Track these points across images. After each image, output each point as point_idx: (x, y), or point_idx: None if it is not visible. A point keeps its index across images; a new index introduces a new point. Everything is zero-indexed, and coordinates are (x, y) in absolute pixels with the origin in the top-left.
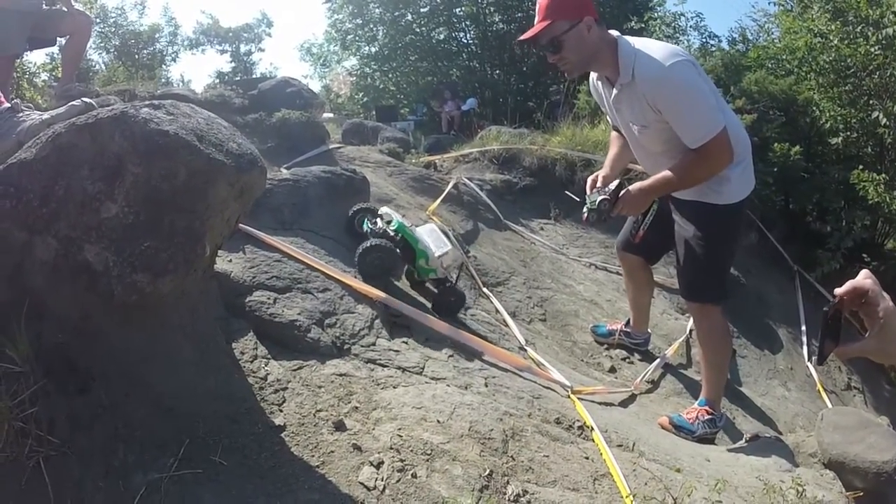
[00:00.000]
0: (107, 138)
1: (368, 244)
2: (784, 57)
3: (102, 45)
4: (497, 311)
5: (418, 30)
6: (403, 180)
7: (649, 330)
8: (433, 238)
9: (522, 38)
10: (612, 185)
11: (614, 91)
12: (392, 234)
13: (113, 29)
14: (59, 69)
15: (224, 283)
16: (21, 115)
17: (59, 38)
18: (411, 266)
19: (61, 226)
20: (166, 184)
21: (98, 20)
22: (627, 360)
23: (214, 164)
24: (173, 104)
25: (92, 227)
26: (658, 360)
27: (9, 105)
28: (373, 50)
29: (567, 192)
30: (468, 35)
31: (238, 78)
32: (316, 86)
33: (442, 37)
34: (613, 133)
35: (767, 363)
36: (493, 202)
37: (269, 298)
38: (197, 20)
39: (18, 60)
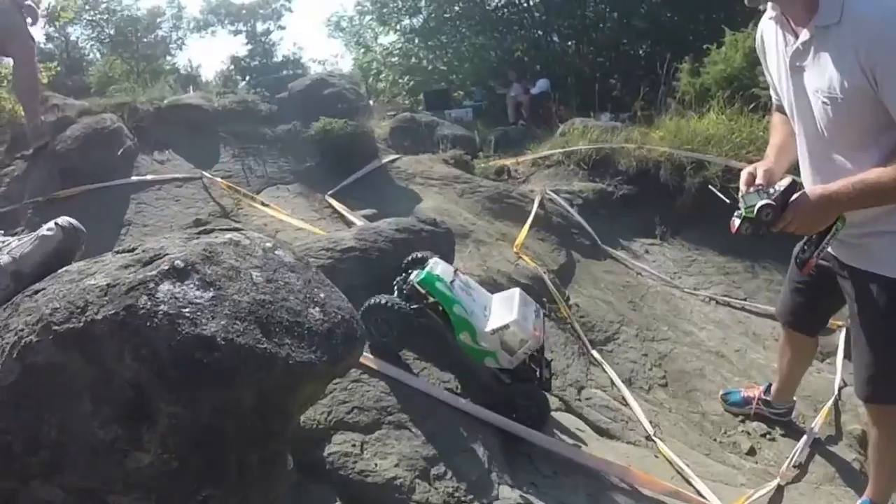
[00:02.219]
0: (111, 360)
1: (371, 302)
2: None
3: (95, 36)
4: (612, 382)
5: None
6: (477, 200)
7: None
8: (502, 306)
9: None
10: (781, 185)
11: (799, 40)
12: (421, 291)
13: (106, 16)
14: (42, 74)
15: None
16: None
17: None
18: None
19: (67, 477)
20: (227, 419)
21: (87, 7)
22: (768, 436)
23: (296, 369)
24: (208, 257)
25: (117, 479)
26: (805, 437)
27: None
28: (416, 23)
29: (711, 188)
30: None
31: (256, 62)
32: (347, 64)
33: (501, 1)
34: (777, 115)
35: None
36: (585, 219)
37: (354, 445)
38: None
39: None
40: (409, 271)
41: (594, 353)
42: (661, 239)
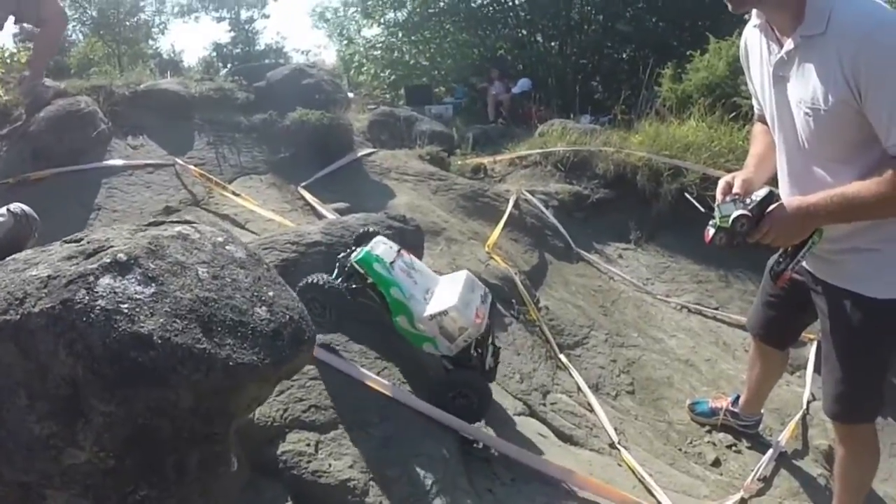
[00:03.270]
0: (46, 354)
1: (306, 281)
2: None
3: (77, 16)
4: (579, 388)
5: None
6: (452, 198)
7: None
8: (445, 291)
9: None
10: (757, 196)
11: (784, 49)
12: (360, 271)
13: None
14: (21, 54)
15: (245, 426)
16: None
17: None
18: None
19: (4, 471)
20: (163, 419)
21: None
22: (734, 447)
23: (236, 371)
24: (153, 251)
25: (54, 474)
26: (771, 450)
27: None
28: (400, 17)
29: (687, 195)
30: None
31: (239, 50)
32: (331, 56)
33: (487, 0)
34: (758, 125)
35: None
36: (560, 222)
37: (308, 444)
38: None
39: None
40: (354, 249)
41: (562, 356)
42: (635, 244)
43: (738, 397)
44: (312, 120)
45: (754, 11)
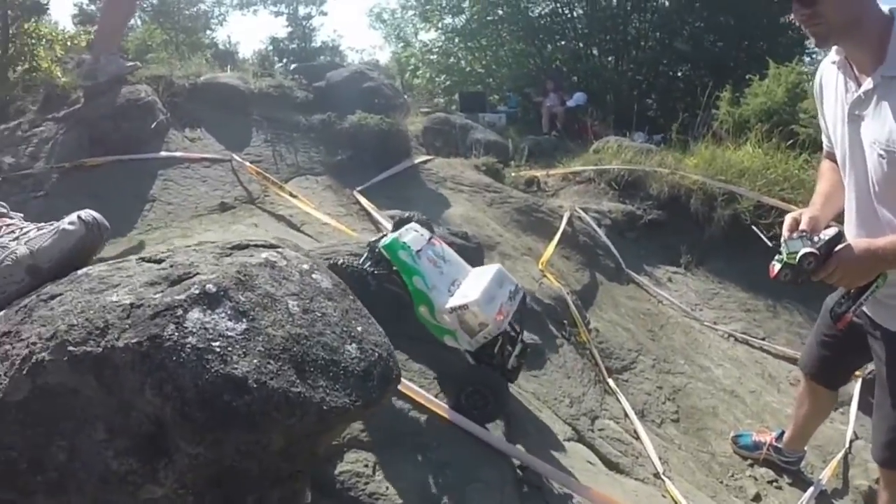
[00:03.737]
0: (130, 391)
1: (328, 263)
2: None
3: (138, 3)
4: (626, 414)
5: None
6: (506, 212)
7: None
8: (471, 284)
9: None
10: (826, 234)
11: (862, 88)
12: (386, 257)
13: None
14: (81, 37)
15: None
16: (3, 236)
17: None
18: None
19: (73, 499)
20: (250, 461)
21: None
22: (775, 483)
23: (329, 414)
24: (242, 281)
25: None
26: (812, 488)
27: None
28: (458, 23)
29: (755, 228)
30: (573, 9)
31: (295, 45)
32: (385, 56)
33: (545, 10)
34: (826, 162)
35: None
36: (612, 241)
37: (366, 465)
38: None
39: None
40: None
41: (610, 381)
42: (685, 268)
43: (782, 433)
44: (371, 124)
45: (834, 48)
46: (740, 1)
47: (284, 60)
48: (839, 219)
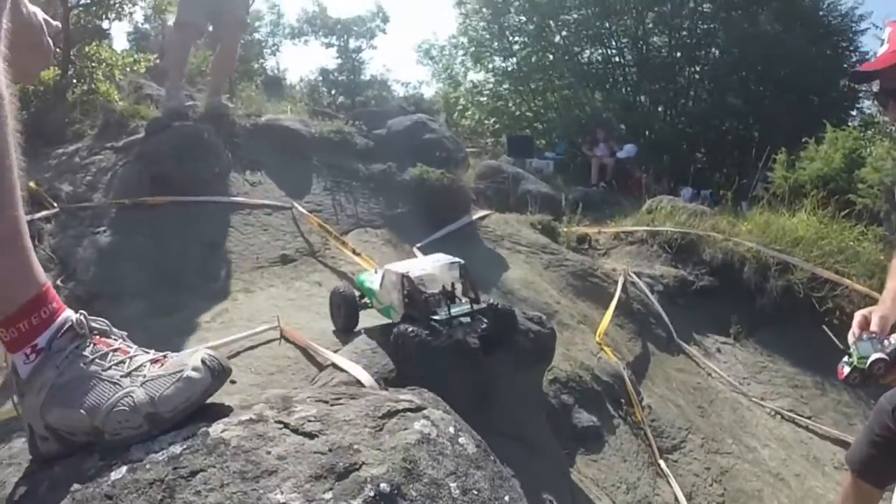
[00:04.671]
0: None
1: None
2: None
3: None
4: (676, 499)
5: (560, 41)
6: (562, 276)
7: None
8: (403, 266)
9: (866, 67)
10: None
11: None
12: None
13: None
14: (140, 63)
15: None
16: (96, 362)
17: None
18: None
19: None
20: None
21: None
22: None
23: None
24: (409, 471)
25: None
26: None
27: (67, 327)
28: (509, 66)
29: (825, 328)
30: (624, 56)
31: (344, 77)
32: (429, 91)
33: (595, 57)
34: None
35: None
36: (663, 307)
37: None
38: (302, 7)
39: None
40: None
41: (661, 463)
42: (734, 338)
43: None
44: (433, 178)
45: None
46: (794, 55)
47: (333, 92)
48: None
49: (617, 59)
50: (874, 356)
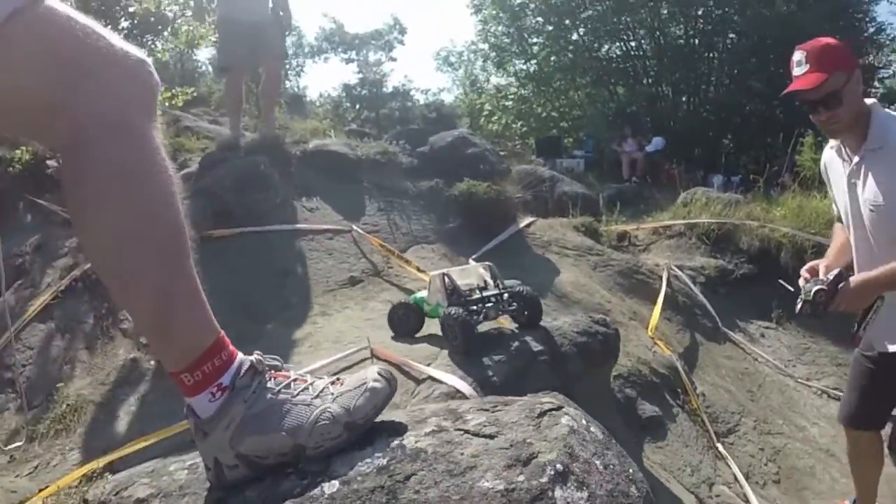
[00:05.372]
0: None
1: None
2: None
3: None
4: (735, 478)
5: (579, 39)
6: (609, 275)
7: None
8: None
9: (794, 88)
10: (831, 275)
11: (853, 162)
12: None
13: None
14: (178, 97)
15: None
16: (283, 391)
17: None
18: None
19: None
20: None
21: (213, 28)
22: None
23: None
24: (570, 454)
25: None
26: None
27: (248, 366)
28: (530, 68)
29: (781, 282)
30: (642, 48)
31: (366, 91)
32: (449, 98)
33: (615, 52)
34: (837, 225)
35: None
36: (706, 297)
37: None
38: (319, 25)
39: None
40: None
41: (719, 446)
42: (776, 323)
43: (854, 501)
44: (480, 192)
45: (831, 140)
46: (811, 33)
47: (357, 107)
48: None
49: (636, 52)
50: (815, 287)
